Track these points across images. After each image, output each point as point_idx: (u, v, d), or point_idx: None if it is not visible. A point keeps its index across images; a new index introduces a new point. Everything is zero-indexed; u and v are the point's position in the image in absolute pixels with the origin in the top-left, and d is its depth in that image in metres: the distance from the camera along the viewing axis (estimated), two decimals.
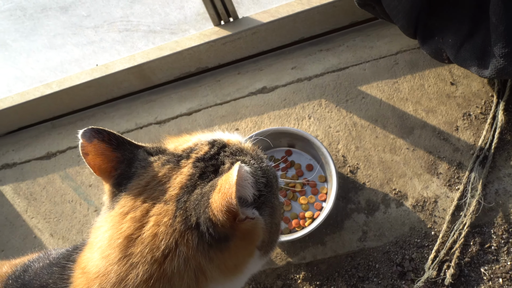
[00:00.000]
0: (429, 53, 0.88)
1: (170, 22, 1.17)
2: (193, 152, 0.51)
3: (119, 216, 0.46)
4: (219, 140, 0.54)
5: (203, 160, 0.50)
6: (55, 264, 0.53)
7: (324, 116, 1.05)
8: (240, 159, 0.50)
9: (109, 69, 1.20)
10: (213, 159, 0.50)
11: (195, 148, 0.52)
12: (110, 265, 0.43)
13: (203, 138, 0.55)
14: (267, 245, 0.52)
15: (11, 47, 1.13)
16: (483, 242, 0.82)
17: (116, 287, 0.42)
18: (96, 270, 0.44)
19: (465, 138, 0.92)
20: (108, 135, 0.49)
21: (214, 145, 0.53)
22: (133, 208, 0.46)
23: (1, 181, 1.26)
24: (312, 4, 1.11)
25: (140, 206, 0.46)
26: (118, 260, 0.43)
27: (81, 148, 0.48)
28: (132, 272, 0.42)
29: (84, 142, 0.48)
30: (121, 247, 0.43)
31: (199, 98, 1.20)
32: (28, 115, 1.29)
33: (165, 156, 0.51)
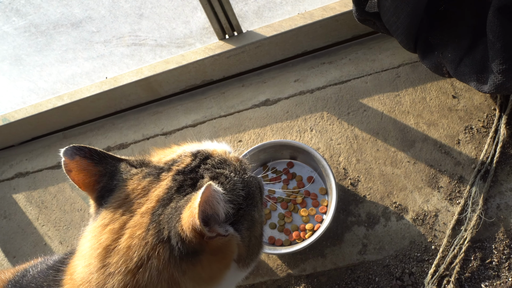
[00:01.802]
0: (429, 67, 0.89)
1: (176, 36, 1.20)
2: (174, 165, 0.52)
3: (100, 227, 0.48)
4: (203, 151, 0.54)
5: (182, 173, 0.50)
6: (51, 267, 0.55)
7: (326, 129, 1.06)
8: (220, 172, 0.50)
9: (117, 82, 1.24)
10: (193, 172, 0.50)
11: (178, 160, 0.52)
12: (91, 273, 0.45)
13: (187, 150, 0.55)
14: (246, 258, 0.52)
15: (25, 61, 1.18)
16: (484, 257, 0.81)
17: None
18: (81, 277, 0.46)
19: (467, 151, 0.92)
20: (89, 151, 0.51)
21: (196, 156, 0.53)
22: (112, 220, 0.47)
23: (14, 190, 1.30)
24: (315, 18, 1.13)
25: (119, 218, 0.47)
26: (98, 269, 0.45)
27: (64, 165, 0.50)
28: (110, 281, 0.44)
29: (66, 160, 0.50)
30: (100, 257, 0.45)
31: (204, 110, 1.23)
32: (41, 125, 1.34)
33: (147, 169, 0.52)
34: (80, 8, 1.08)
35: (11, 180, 1.33)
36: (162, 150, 0.58)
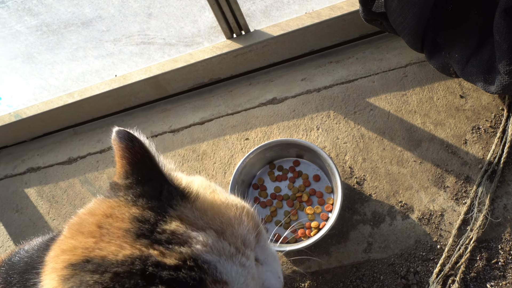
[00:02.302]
0: (436, 67, 0.89)
1: (184, 35, 1.22)
2: (158, 247, 0.41)
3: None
4: (190, 265, 0.40)
5: (143, 269, 0.40)
6: (45, 242, 0.56)
7: (332, 128, 1.07)
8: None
9: (127, 79, 1.26)
10: (145, 281, 0.39)
11: (170, 245, 0.41)
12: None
13: (199, 246, 0.42)
14: None
15: (37, 59, 1.20)
16: (489, 257, 0.81)
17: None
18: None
19: (474, 152, 0.92)
20: (138, 147, 0.51)
21: (178, 269, 0.40)
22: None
23: (26, 184, 1.33)
24: (322, 18, 1.13)
25: (86, 237, 0.44)
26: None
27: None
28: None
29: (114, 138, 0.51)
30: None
31: (212, 108, 1.24)
32: (52, 122, 1.37)
33: (152, 213, 0.45)
34: (90, 8, 1.10)
35: (23, 174, 1.36)
36: (222, 202, 0.51)
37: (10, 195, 1.33)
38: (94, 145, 1.32)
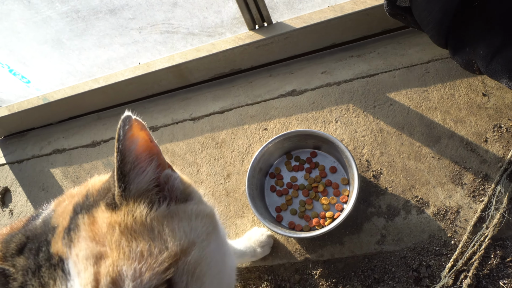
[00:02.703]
0: (460, 63, 0.88)
1: (207, 26, 1.24)
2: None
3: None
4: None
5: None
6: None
7: (351, 121, 1.08)
8: None
9: (150, 67, 1.29)
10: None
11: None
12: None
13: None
14: None
15: (66, 45, 1.24)
16: (504, 255, 0.81)
17: None
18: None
19: (494, 150, 0.91)
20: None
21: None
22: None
23: (52, 164, 1.39)
24: (345, 11, 1.13)
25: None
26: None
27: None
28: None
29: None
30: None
31: (232, 97, 1.27)
32: (77, 106, 1.42)
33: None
34: None
35: (49, 155, 1.42)
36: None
37: (37, 174, 1.40)
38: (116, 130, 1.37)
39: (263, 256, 0.97)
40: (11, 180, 1.43)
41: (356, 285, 0.89)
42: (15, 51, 1.24)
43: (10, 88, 1.40)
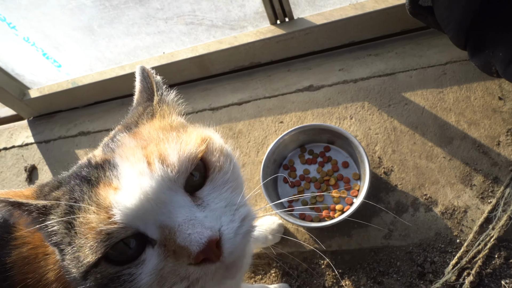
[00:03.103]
0: (478, 65, 0.89)
1: (231, 19, 1.28)
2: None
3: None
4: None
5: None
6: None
7: (366, 118, 1.10)
8: None
9: (174, 57, 1.34)
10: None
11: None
12: None
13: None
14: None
15: (97, 32, 1.31)
16: (508, 256, 0.83)
17: None
18: None
19: (506, 154, 0.93)
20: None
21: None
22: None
23: (77, 146, 1.47)
24: (366, 9, 1.15)
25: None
26: None
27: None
28: None
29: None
30: None
31: (250, 90, 1.31)
32: (103, 91, 1.49)
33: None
34: None
35: (74, 137, 1.50)
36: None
37: (63, 154, 1.48)
38: None
39: (273, 244, 1.01)
40: (38, 159, 1.52)
41: (361, 277, 0.93)
42: (50, 36, 1.31)
43: (42, 71, 1.48)
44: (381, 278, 0.90)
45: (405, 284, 0.87)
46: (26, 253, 0.55)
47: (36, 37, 1.32)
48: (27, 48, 1.35)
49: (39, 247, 0.55)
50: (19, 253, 0.55)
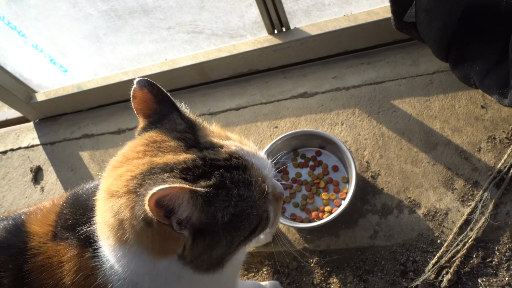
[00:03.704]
0: (459, 77, 0.95)
1: (230, 28, 1.34)
2: (209, 150, 0.55)
3: (126, 148, 0.58)
4: (243, 161, 0.56)
5: (205, 162, 0.53)
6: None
7: (356, 124, 1.16)
8: (228, 189, 0.52)
9: (175, 64, 1.41)
10: (213, 168, 0.52)
11: (215, 148, 0.55)
12: (108, 177, 0.56)
13: (234, 148, 0.57)
14: (191, 263, 0.54)
15: (102, 39, 1.38)
16: (485, 256, 0.88)
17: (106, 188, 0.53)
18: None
19: (486, 159, 0.98)
20: (156, 89, 0.59)
21: (231, 159, 0.55)
22: (133, 150, 0.56)
23: (81, 148, 1.53)
24: (358, 21, 1.21)
25: (139, 152, 0.55)
26: (109, 173, 0.56)
27: (132, 91, 0.58)
28: (105, 184, 0.55)
29: (136, 88, 0.58)
30: (116, 166, 0.56)
31: (247, 96, 1.37)
32: (107, 96, 1.55)
33: (187, 134, 0.57)
34: None
35: (78, 139, 1.56)
36: (222, 130, 0.63)
37: (67, 156, 1.54)
38: None
39: (266, 243, 1.06)
40: (43, 160, 1.58)
41: (348, 275, 0.98)
42: (57, 43, 1.38)
43: (48, 75, 1.55)
44: (366, 276, 0.95)
45: (389, 282, 0.92)
46: (42, 262, 0.60)
47: (44, 44, 1.39)
48: (35, 54, 1.42)
49: (54, 256, 0.60)
50: (34, 262, 0.60)
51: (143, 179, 0.51)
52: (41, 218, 0.65)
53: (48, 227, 0.63)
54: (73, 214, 0.63)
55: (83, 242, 0.59)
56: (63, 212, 0.64)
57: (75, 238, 0.60)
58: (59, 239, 0.61)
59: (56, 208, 0.66)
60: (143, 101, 0.60)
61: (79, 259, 0.59)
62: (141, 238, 0.51)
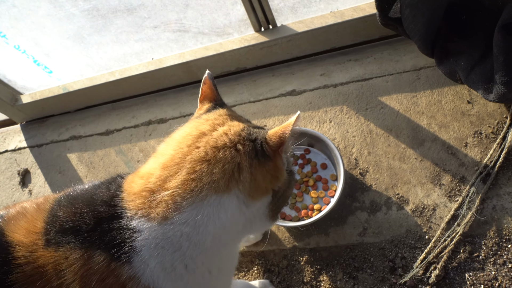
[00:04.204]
0: (444, 73, 0.95)
1: (217, 26, 1.32)
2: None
3: (204, 120, 0.65)
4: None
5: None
6: (100, 184, 0.64)
7: (344, 122, 1.15)
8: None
9: (162, 63, 1.39)
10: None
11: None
12: (180, 148, 0.60)
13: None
14: (276, 202, 0.65)
15: (86, 39, 1.35)
16: (472, 251, 0.89)
17: (177, 163, 0.58)
18: (168, 155, 0.60)
19: (472, 154, 0.98)
20: (215, 85, 0.74)
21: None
22: (217, 118, 0.65)
23: (69, 150, 1.51)
24: (345, 18, 1.20)
25: (222, 119, 0.64)
26: (187, 146, 0.60)
27: (204, 79, 0.72)
28: (193, 152, 0.59)
29: (206, 77, 0.72)
30: (193, 138, 0.61)
31: (236, 95, 1.36)
32: (94, 96, 1.53)
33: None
34: None
35: (66, 141, 1.54)
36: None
37: (55, 158, 1.52)
38: (129, 120, 1.48)
39: (256, 242, 1.06)
40: (31, 163, 1.56)
41: (337, 272, 0.98)
42: (40, 43, 1.36)
43: (33, 77, 1.52)
44: (356, 273, 0.96)
45: (378, 279, 0.93)
46: (31, 272, 0.57)
47: (27, 45, 1.36)
48: (18, 56, 1.39)
49: (47, 264, 0.57)
50: (22, 271, 0.57)
51: (249, 129, 0.62)
52: (25, 226, 0.61)
53: (35, 235, 0.60)
54: (73, 215, 0.60)
55: (95, 243, 0.57)
56: (56, 215, 0.61)
57: (80, 240, 0.57)
58: (54, 245, 0.58)
59: (43, 214, 0.62)
60: (209, 88, 0.72)
61: (89, 262, 0.56)
62: (253, 176, 0.59)
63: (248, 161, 0.59)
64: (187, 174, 0.57)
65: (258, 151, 0.60)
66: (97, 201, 0.59)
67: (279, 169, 0.62)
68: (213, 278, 0.63)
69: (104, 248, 0.56)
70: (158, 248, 0.56)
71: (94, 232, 0.57)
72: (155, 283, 0.57)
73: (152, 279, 0.56)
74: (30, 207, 0.65)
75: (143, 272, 0.56)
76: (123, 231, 0.56)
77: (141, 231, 0.56)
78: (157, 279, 0.57)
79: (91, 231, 0.57)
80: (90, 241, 0.57)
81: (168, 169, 0.58)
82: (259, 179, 0.60)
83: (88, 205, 0.59)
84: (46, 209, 0.63)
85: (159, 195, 0.57)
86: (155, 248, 0.56)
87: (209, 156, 0.58)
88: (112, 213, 0.58)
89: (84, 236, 0.57)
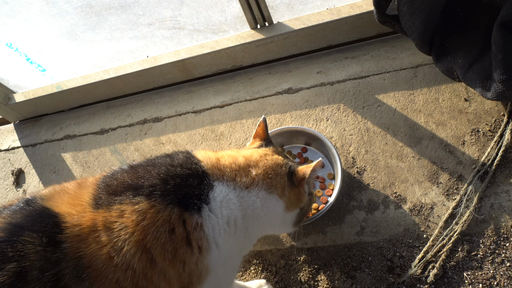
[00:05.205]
0: (442, 70, 0.94)
1: (212, 23, 1.31)
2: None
3: (256, 151, 0.84)
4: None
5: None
6: (171, 154, 0.77)
7: (341, 120, 1.15)
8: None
9: (157, 61, 1.37)
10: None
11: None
12: (253, 154, 0.80)
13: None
14: (300, 215, 0.85)
15: (80, 37, 1.33)
16: (470, 249, 0.88)
17: (256, 161, 0.78)
18: (247, 153, 0.81)
19: (470, 153, 0.98)
20: (267, 125, 0.91)
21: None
22: (265, 151, 0.83)
23: (63, 149, 1.49)
24: (341, 15, 1.19)
25: (273, 153, 0.83)
26: (259, 155, 0.80)
27: (259, 123, 0.90)
28: (263, 160, 0.80)
29: (261, 121, 0.90)
30: (260, 153, 0.81)
31: (232, 93, 1.34)
32: (88, 95, 1.51)
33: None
34: None
35: (60, 141, 1.52)
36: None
37: (49, 158, 1.50)
38: (124, 119, 1.46)
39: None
40: (25, 162, 1.54)
41: (335, 272, 0.97)
42: (32, 41, 1.33)
43: (26, 75, 1.50)
44: (353, 273, 0.95)
45: (376, 278, 0.92)
46: (78, 232, 0.63)
47: (19, 43, 1.34)
48: (10, 53, 1.37)
49: (96, 224, 0.64)
50: (70, 231, 0.63)
51: (288, 163, 0.82)
52: (68, 200, 0.68)
53: (80, 205, 0.66)
54: (136, 177, 0.69)
55: (167, 196, 0.65)
56: (110, 183, 0.69)
57: (145, 194, 0.65)
58: (105, 206, 0.65)
59: (90, 188, 0.70)
60: (262, 130, 0.90)
61: (156, 213, 0.64)
62: (289, 194, 0.80)
63: (287, 183, 0.80)
64: (264, 169, 0.78)
65: (290, 178, 0.81)
66: (175, 164, 0.72)
67: (301, 195, 0.83)
68: (247, 246, 0.81)
69: (179, 202, 0.66)
70: (230, 204, 0.72)
71: (166, 186, 0.67)
72: (212, 232, 0.69)
73: (212, 228, 0.69)
74: (71, 186, 0.73)
75: (208, 221, 0.69)
76: (204, 187, 0.70)
77: (221, 191, 0.71)
78: (214, 229, 0.69)
79: (163, 186, 0.67)
80: (159, 195, 0.65)
81: (249, 161, 0.78)
82: (292, 198, 0.81)
83: (160, 167, 0.70)
84: (93, 183, 0.71)
85: (247, 171, 0.76)
86: (228, 203, 0.71)
87: (272, 168, 0.79)
88: (189, 174, 0.70)
89: (150, 190, 0.66)
